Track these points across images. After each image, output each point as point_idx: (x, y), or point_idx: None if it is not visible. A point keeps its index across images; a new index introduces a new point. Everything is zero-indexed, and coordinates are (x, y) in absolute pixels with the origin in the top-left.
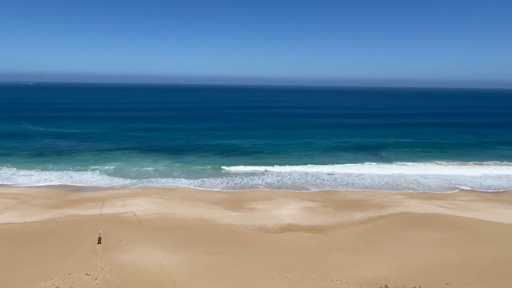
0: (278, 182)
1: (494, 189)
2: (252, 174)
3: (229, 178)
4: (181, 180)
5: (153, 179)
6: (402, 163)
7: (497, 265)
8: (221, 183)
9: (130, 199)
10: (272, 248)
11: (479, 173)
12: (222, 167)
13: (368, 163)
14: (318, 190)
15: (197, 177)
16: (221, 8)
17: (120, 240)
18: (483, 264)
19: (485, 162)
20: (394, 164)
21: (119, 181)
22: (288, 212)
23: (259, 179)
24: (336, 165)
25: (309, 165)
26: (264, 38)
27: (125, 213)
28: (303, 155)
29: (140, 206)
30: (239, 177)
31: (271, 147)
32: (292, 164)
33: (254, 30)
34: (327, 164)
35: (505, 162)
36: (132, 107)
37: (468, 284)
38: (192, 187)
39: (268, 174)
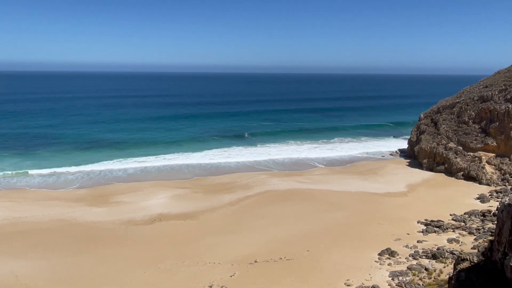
0: (142, 172)
1: (341, 163)
2: (116, 166)
3: (90, 172)
4: (34, 179)
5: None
6: (265, 145)
7: (346, 228)
8: (81, 179)
9: None
10: (143, 240)
11: (329, 150)
12: (81, 161)
13: (234, 147)
14: (187, 176)
15: (52, 174)
16: None
17: None
18: (335, 229)
19: (331, 140)
20: (258, 146)
21: None
22: (158, 201)
23: (120, 171)
24: (204, 151)
25: (176, 153)
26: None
27: None
28: (170, 143)
29: None
30: (101, 171)
31: (136, 138)
32: (159, 154)
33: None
34: (195, 151)
35: (349, 139)
36: None
37: (325, 248)
38: (47, 185)
39: (132, 164)
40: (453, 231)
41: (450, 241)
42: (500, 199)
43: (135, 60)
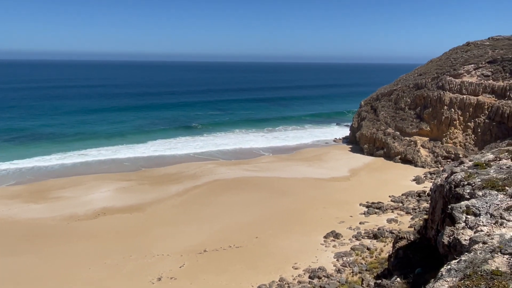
0: (83, 165)
1: (287, 150)
2: (54, 161)
3: (26, 167)
4: None
5: None
6: (212, 134)
7: (293, 213)
8: (15, 174)
9: None
10: (87, 236)
11: (275, 138)
12: (16, 156)
13: (180, 137)
14: (132, 168)
15: None
16: None
17: None
18: (283, 215)
19: (277, 128)
20: (204, 136)
21: None
22: (101, 195)
23: (59, 165)
24: (149, 142)
25: (120, 145)
26: None
27: None
28: (113, 135)
29: None
30: (38, 166)
31: (76, 131)
32: (101, 146)
33: None
34: (140, 142)
35: (293, 126)
36: None
37: (273, 234)
38: None
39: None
40: (392, 212)
41: (389, 221)
42: (433, 180)
43: (79, 48)
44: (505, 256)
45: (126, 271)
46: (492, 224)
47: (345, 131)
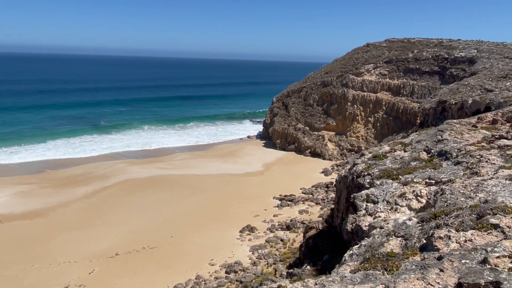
0: None
1: (201, 147)
2: None
3: None
4: None
5: None
6: (122, 132)
7: (209, 210)
8: None
9: None
10: None
11: (189, 136)
12: None
13: (86, 135)
14: (32, 171)
15: None
16: None
17: None
18: (198, 212)
19: (188, 125)
20: (113, 134)
21: None
22: None
23: None
24: (51, 142)
25: (16, 146)
26: None
27: None
28: (9, 136)
29: None
30: None
31: None
32: None
33: None
34: (41, 142)
35: (205, 123)
36: None
37: (189, 232)
38: None
39: None
40: (303, 203)
41: (301, 212)
42: (339, 172)
43: None
44: (398, 238)
45: (28, 283)
46: (388, 210)
47: (258, 127)
